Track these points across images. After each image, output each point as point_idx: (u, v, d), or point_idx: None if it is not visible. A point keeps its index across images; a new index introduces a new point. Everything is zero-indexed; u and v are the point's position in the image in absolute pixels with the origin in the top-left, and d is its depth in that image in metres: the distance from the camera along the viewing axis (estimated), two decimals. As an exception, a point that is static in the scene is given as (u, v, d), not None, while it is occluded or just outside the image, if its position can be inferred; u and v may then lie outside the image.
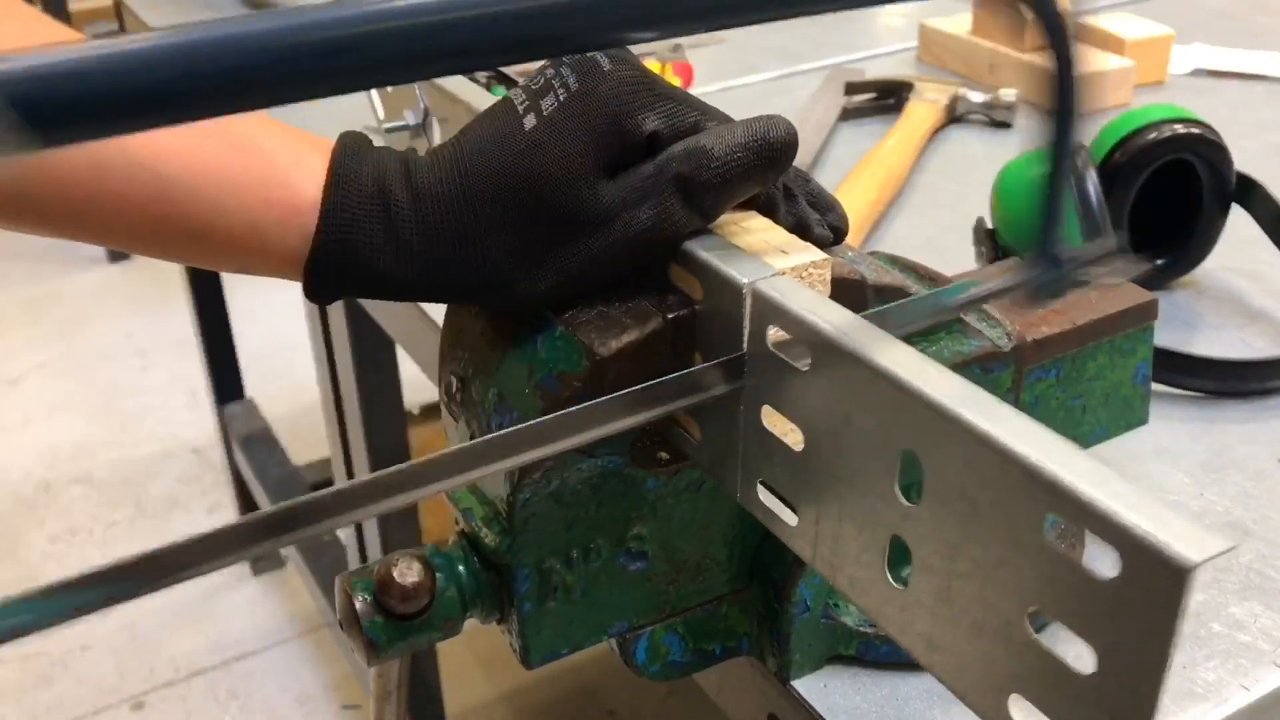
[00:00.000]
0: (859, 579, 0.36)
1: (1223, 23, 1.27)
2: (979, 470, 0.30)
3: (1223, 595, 0.53)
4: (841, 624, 0.49)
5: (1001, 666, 0.31)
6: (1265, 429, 0.64)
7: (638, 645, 0.48)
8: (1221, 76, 1.13)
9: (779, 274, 0.40)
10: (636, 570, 0.46)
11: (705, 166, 0.41)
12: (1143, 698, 0.27)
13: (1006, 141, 1.01)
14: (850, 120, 1.06)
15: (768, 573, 0.48)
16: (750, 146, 0.41)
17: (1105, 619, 0.27)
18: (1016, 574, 0.30)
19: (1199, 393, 0.67)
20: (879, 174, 0.91)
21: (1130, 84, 1.06)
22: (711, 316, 0.41)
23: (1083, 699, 0.28)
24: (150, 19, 1.30)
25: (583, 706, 1.69)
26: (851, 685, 0.50)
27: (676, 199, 0.42)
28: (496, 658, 1.75)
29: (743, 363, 0.39)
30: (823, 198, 0.48)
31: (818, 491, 0.37)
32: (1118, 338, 0.55)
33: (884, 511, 0.34)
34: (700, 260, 0.41)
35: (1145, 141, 0.72)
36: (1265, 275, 0.78)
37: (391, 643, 0.44)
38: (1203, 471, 0.61)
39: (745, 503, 0.41)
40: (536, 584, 0.44)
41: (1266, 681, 0.49)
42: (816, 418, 0.36)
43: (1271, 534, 0.57)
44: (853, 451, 0.35)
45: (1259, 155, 0.95)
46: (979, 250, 0.76)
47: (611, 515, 0.45)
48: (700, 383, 0.39)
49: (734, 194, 0.42)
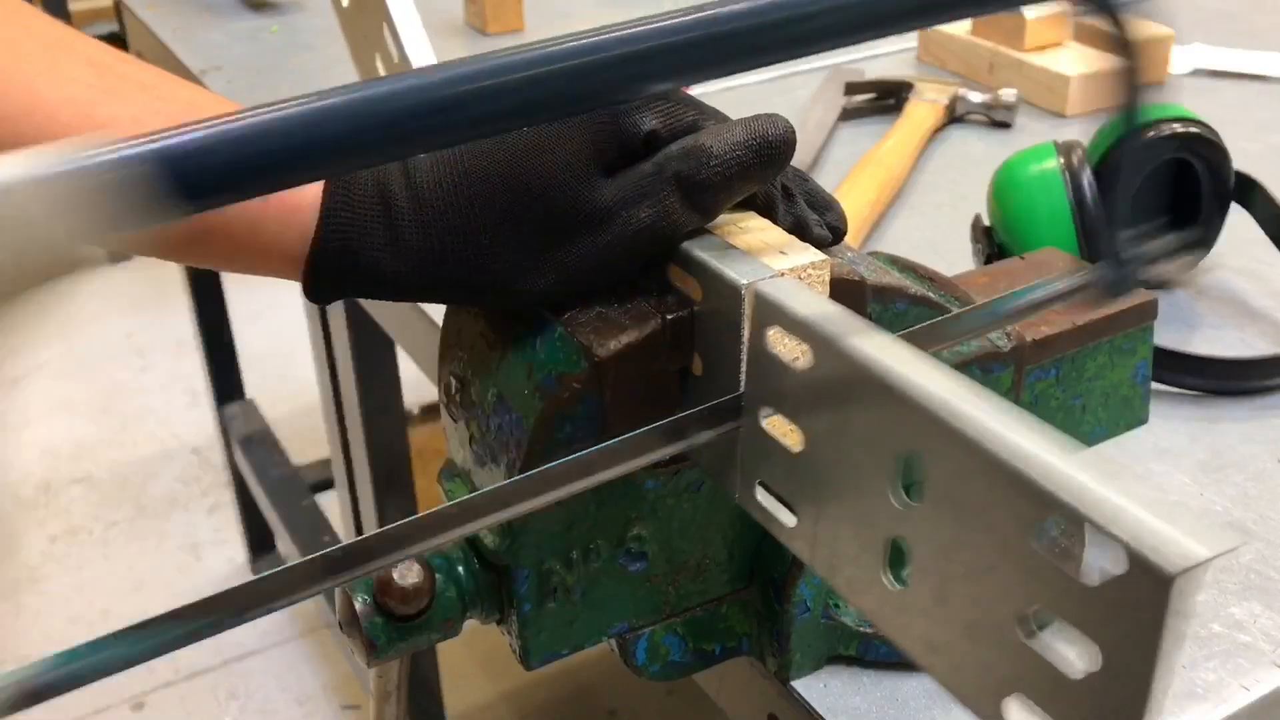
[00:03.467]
0: (857, 580, 0.36)
1: (1223, 23, 1.27)
2: (977, 471, 0.30)
3: (1223, 595, 0.53)
4: (841, 624, 0.49)
5: (999, 668, 0.31)
6: (1265, 429, 0.64)
7: (638, 645, 0.48)
8: (1221, 77, 1.13)
9: (778, 275, 0.40)
10: (636, 571, 0.46)
11: (704, 165, 0.41)
12: (1140, 699, 0.27)
13: (1006, 141, 1.01)
14: (850, 120, 1.06)
15: (767, 573, 0.48)
16: (749, 145, 0.41)
17: (1103, 620, 0.27)
18: (1009, 576, 0.30)
19: (1198, 392, 0.67)
20: (879, 174, 0.91)
21: (1130, 84, 1.06)
22: (710, 317, 0.41)
23: (1081, 701, 0.28)
24: (150, 19, 1.30)
25: (583, 706, 1.69)
26: (851, 685, 0.50)
27: (675, 198, 0.41)
28: (496, 658, 1.75)
29: (740, 403, 0.40)
30: (821, 197, 0.48)
31: (817, 492, 0.37)
32: (1117, 337, 0.55)
33: (882, 513, 0.34)
34: (699, 261, 0.41)
35: (1143, 141, 0.72)
36: (1265, 275, 0.78)
37: (391, 644, 0.44)
38: (1202, 472, 0.61)
39: (744, 503, 0.41)
40: (536, 585, 0.44)
41: (1266, 681, 0.49)
42: (816, 418, 0.36)
43: (1271, 534, 0.57)
44: (852, 452, 0.35)
45: (1258, 155, 0.95)
46: (976, 248, 0.77)
47: (611, 516, 0.45)
48: (695, 426, 0.40)
49: (733, 192, 0.42)
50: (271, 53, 1.21)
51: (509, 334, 0.44)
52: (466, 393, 0.46)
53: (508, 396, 0.43)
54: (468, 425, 0.46)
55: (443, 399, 0.48)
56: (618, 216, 0.42)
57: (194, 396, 2.33)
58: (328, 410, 1.32)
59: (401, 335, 0.91)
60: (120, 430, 2.28)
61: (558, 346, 0.42)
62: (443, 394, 0.48)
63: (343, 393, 1.25)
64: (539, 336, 0.43)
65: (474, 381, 0.46)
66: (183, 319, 1.93)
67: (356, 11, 0.80)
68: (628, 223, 0.42)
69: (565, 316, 0.43)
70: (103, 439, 2.26)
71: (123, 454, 2.22)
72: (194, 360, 1.98)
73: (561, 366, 0.42)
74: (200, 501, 2.10)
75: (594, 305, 0.43)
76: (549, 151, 0.41)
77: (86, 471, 2.17)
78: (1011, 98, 1.04)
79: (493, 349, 0.45)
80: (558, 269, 0.42)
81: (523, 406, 0.42)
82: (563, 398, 0.41)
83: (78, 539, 2.02)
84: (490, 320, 0.46)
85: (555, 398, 0.41)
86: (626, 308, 0.42)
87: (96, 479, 2.16)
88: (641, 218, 0.42)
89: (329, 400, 1.30)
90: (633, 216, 0.42)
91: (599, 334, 0.42)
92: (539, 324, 0.43)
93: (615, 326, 0.42)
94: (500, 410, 0.44)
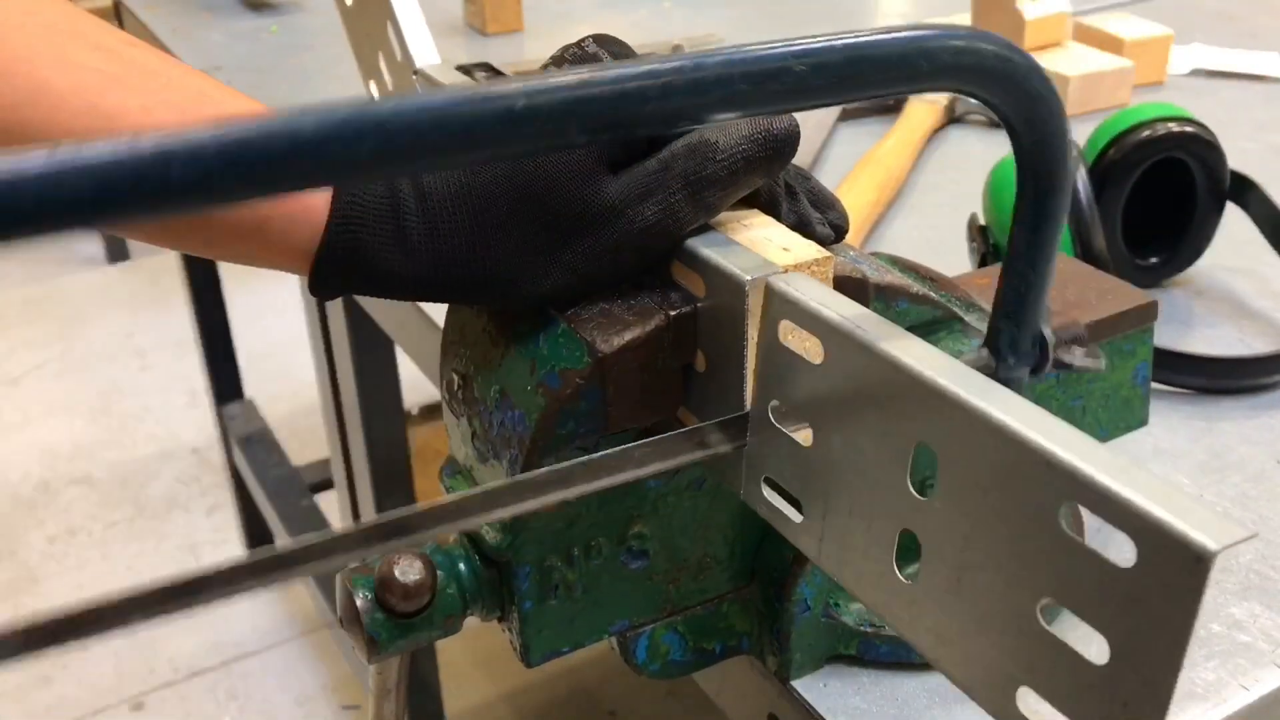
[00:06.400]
0: (866, 574, 0.36)
1: (1222, 23, 1.28)
2: (994, 460, 0.30)
3: (1222, 595, 0.53)
4: (842, 623, 0.49)
5: (1011, 659, 0.31)
6: (1264, 429, 0.64)
7: (638, 644, 0.48)
8: (1220, 77, 1.14)
9: (781, 271, 0.40)
10: (637, 568, 0.46)
11: (710, 160, 0.41)
12: (1157, 688, 0.27)
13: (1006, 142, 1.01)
14: (850, 120, 1.06)
15: (768, 572, 0.48)
16: (754, 139, 0.41)
17: (1121, 609, 0.28)
18: (1030, 564, 0.30)
19: (1195, 390, 0.67)
20: (878, 174, 0.91)
21: (1129, 84, 1.06)
22: (714, 313, 0.41)
23: (1094, 691, 0.28)
24: (150, 19, 1.30)
25: (583, 706, 1.69)
26: (851, 685, 0.50)
27: (681, 194, 0.42)
28: (496, 657, 1.75)
29: (746, 421, 0.40)
30: (823, 196, 0.48)
31: (826, 487, 0.37)
32: (1117, 339, 0.55)
33: (895, 505, 0.34)
34: (703, 257, 0.42)
35: (1138, 139, 0.72)
36: (1262, 275, 0.78)
37: (392, 640, 0.44)
38: (1202, 472, 0.61)
39: (749, 500, 0.41)
40: (537, 582, 0.45)
41: (1266, 681, 0.49)
42: (827, 412, 0.36)
43: (1271, 534, 0.57)
44: (864, 445, 0.35)
45: (1257, 155, 0.95)
46: (972, 246, 0.77)
47: (613, 513, 0.45)
48: (705, 440, 0.40)
49: (738, 188, 0.42)
50: (271, 53, 1.21)
51: (512, 330, 0.44)
52: (469, 389, 0.46)
53: (510, 392, 0.43)
54: (470, 422, 0.46)
55: (445, 395, 0.49)
56: (624, 214, 0.42)
57: (193, 396, 2.33)
58: (327, 410, 1.32)
59: (401, 335, 0.91)
60: (119, 430, 2.28)
61: (561, 342, 0.42)
62: (445, 390, 0.48)
63: (342, 393, 1.25)
64: (542, 332, 0.43)
65: (476, 378, 0.46)
66: (182, 319, 1.93)
67: (359, 10, 0.80)
68: (633, 220, 0.42)
69: (568, 313, 0.43)
70: (102, 439, 2.25)
71: (122, 454, 2.22)
72: (193, 360, 1.98)
73: (564, 362, 0.42)
74: (199, 502, 2.10)
75: (597, 301, 0.43)
76: (554, 150, 0.41)
77: (86, 472, 2.17)
78: (1011, 98, 1.04)
79: (495, 345, 0.45)
80: (564, 268, 0.42)
81: (525, 403, 0.43)
82: (565, 394, 0.41)
83: (77, 539, 2.02)
84: (493, 316, 0.46)
85: (558, 394, 0.41)
86: (630, 304, 0.42)
87: (96, 479, 2.16)
88: (648, 215, 0.42)
89: (328, 400, 1.30)
90: (639, 214, 0.42)
91: (602, 330, 0.42)
92: (542, 320, 0.43)
93: (619, 322, 0.42)
94: (503, 406, 0.44)
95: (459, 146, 0.28)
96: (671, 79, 0.30)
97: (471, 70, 0.57)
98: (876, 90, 0.33)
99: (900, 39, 0.32)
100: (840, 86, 0.32)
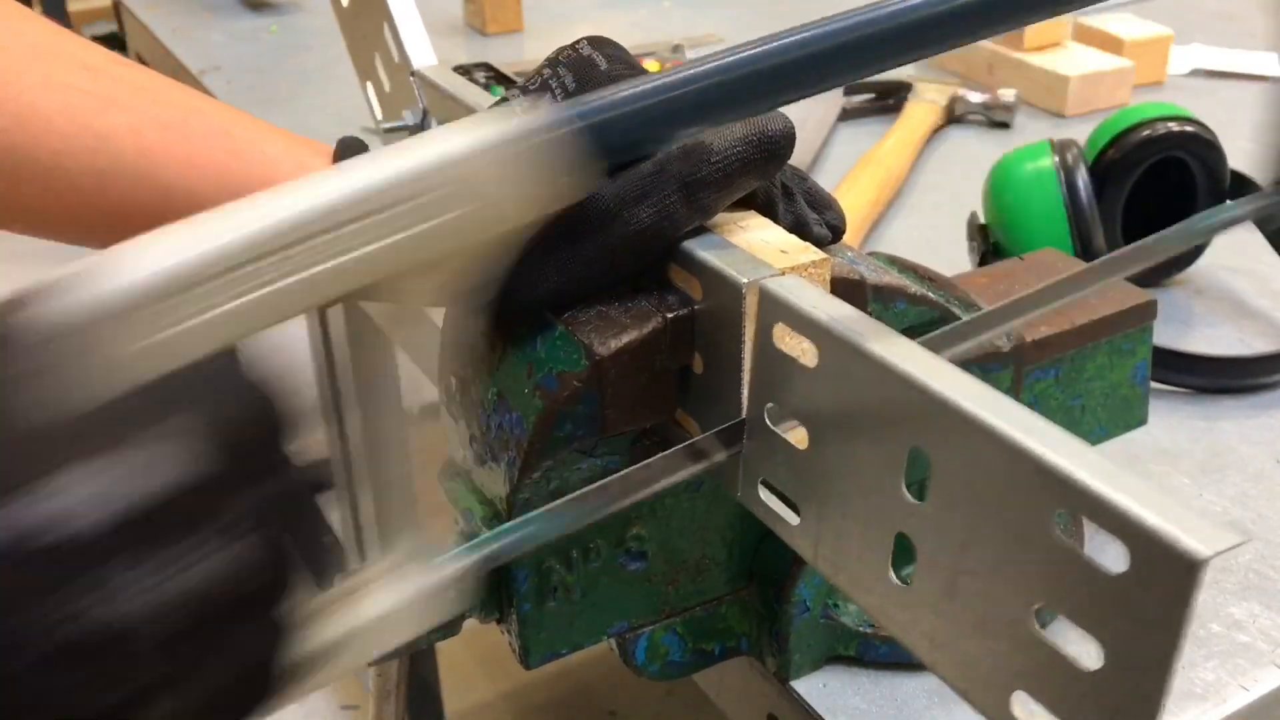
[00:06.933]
0: (861, 577, 0.36)
1: (1222, 23, 1.28)
2: (987, 465, 0.30)
3: (1222, 595, 0.53)
4: (841, 624, 0.49)
5: (1006, 663, 0.31)
6: (1264, 429, 0.64)
7: (637, 645, 0.48)
8: (1220, 77, 1.14)
9: (779, 273, 0.40)
10: (636, 570, 0.46)
11: (705, 162, 0.41)
12: (1149, 693, 0.27)
13: (1005, 142, 1.02)
14: (849, 120, 1.06)
15: (767, 573, 0.48)
16: (749, 140, 0.41)
17: (1113, 614, 0.27)
18: (1024, 569, 0.30)
19: (1195, 390, 0.67)
20: (878, 174, 0.91)
21: (1129, 84, 1.06)
22: (711, 316, 0.41)
23: (1088, 695, 0.28)
24: (149, 19, 1.30)
25: (583, 706, 1.69)
26: (851, 685, 0.50)
27: (676, 196, 0.41)
28: (496, 658, 1.75)
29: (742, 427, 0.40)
30: (820, 196, 0.48)
31: (822, 489, 0.37)
32: (1117, 338, 0.55)
33: (889, 508, 0.34)
34: (699, 260, 0.41)
35: (1138, 139, 0.72)
36: (1262, 274, 0.78)
37: (391, 642, 0.44)
38: (1201, 472, 0.61)
39: (746, 502, 0.41)
40: (535, 584, 0.45)
41: (1266, 681, 0.49)
42: (822, 415, 0.36)
43: (1270, 534, 0.57)
44: (859, 448, 0.35)
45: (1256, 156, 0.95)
46: (971, 245, 0.77)
47: (611, 515, 0.45)
48: (703, 452, 0.40)
49: (734, 189, 0.42)
50: (271, 53, 1.21)
51: (509, 333, 0.44)
52: (467, 392, 0.46)
53: (508, 395, 0.43)
54: (468, 424, 0.46)
55: (443, 398, 0.49)
56: (619, 217, 0.42)
57: (193, 397, 2.33)
58: (327, 410, 1.32)
59: (401, 335, 0.91)
60: (119, 430, 2.28)
61: (558, 345, 0.42)
62: (443, 393, 0.48)
63: (342, 393, 1.25)
64: (539, 335, 0.43)
65: (474, 381, 0.46)
66: (182, 319, 1.92)
67: (356, 11, 0.80)
68: (629, 223, 0.42)
69: (566, 315, 0.43)
70: (102, 439, 2.25)
71: (122, 454, 2.21)
72: (193, 360, 1.98)
73: (562, 365, 0.42)
74: (199, 502, 2.09)
75: (594, 304, 0.43)
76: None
77: (85, 472, 2.17)
78: (1010, 98, 1.04)
79: (493, 348, 0.45)
80: (559, 272, 0.42)
81: (523, 405, 0.43)
82: (563, 396, 0.41)
83: (77, 539, 2.02)
84: (490, 319, 0.46)
85: (555, 396, 0.41)
86: (627, 307, 0.42)
87: (96, 479, 2.15)
88: (643, 217, 0.41)
89: (328, 400, 1.30)
90: (634, 217, 0.42)
91: (600, 333, 0.42)
92: (539, 323, 0.43)
93: (616, 325, 0.42)
94: (501, 409, 0.44)
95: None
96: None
97: (471, 71, 0.57)
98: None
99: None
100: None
